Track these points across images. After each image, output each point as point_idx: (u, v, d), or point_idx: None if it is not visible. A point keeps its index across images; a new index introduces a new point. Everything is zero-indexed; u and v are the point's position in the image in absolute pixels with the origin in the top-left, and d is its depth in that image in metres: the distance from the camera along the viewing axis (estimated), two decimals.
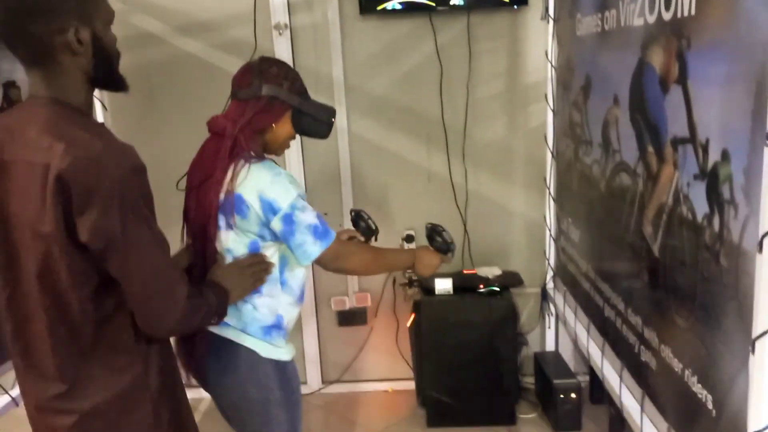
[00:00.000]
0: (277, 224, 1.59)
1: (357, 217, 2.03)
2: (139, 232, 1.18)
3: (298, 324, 3.22)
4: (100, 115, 2.94)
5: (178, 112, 3.04)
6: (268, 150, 1.74)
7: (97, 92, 2.89)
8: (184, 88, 3.04)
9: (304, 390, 3.27)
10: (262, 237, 1.63)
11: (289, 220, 1.58)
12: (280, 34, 2.90)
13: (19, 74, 2.26)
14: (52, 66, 1.20)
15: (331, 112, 1.75)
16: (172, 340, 1.47)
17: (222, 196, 1.59)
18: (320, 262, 1.67)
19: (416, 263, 1.87)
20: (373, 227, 2.00)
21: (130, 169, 1.17)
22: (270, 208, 1.58)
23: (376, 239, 2.01)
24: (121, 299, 1.24)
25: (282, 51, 2.92)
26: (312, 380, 3.30)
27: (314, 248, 1.62)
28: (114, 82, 1.31)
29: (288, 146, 1.79)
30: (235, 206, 1.58)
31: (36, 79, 1.22)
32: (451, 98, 3.00)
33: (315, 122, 1.72)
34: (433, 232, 1.95)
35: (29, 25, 1.16)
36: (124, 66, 1.33)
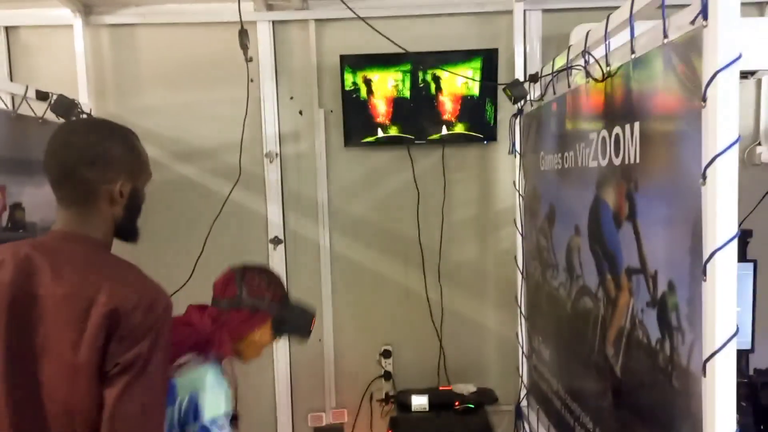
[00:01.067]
0: (192, 429, 1.57)
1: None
2: (157, 366, 1.25)
3: None
4: None
5: (169, 233, 3.19)
6: (238, 354, 1.78)
7: None
8: (179, 208, 3.21)
9: None
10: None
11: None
12: (270, 161, 3.13)
13: (25, 197, 2.41)
14: (91, 208, 1.35)
15: (310, 315, 1.84)
16: None
17: None
18: None
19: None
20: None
21: (167, 307, 1.29)
22: (194, 411, 1.57)
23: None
24: None
25: (272, 176, 3.14)
26: None
27: None
28: (131, 232, 1.46)
29: (260, 354, 1.82)
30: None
31: (71, 216, 1.34)
32: (428, 221, 3.20)
33: (294, 329, 1.83)
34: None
35: (86, 170, 1.32)
36: None
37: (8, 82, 2.95)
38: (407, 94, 3.08)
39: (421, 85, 3.08)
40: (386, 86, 3.07)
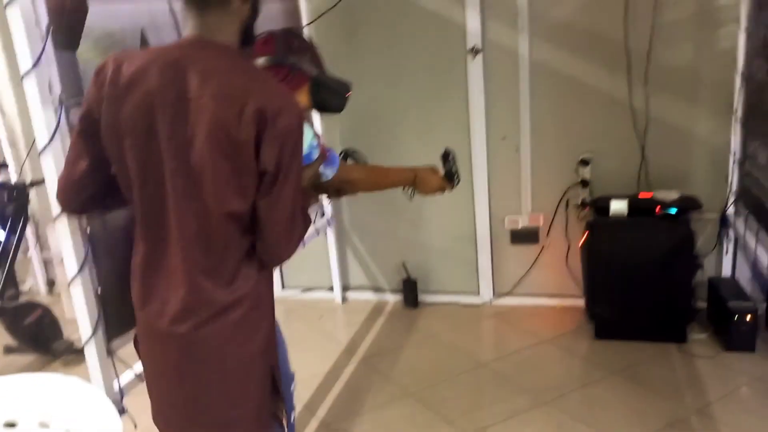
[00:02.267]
0: None
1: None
2: (297, 172, 1.34)
3: (473, 239, 3.51)
4: None
5: (377, 47, 3.35)
6: None
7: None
8: (381, 21, 3.32)
9: (476, 300, 3.58)
10: None
11: (308, 159, 1.65)
12: None
13: None
14: (227, 10, 1.31)
15: (348, 87, 1.76)
16: None
17: None
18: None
19: (418, 181, 1.95)
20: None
21: (303, 115, 1.34)
22: None
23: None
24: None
25: None
26: (484, 292, 3.58)
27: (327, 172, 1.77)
28: (251, 35, 1.42)
29: None
30: None
31: (202, 21, 1.31)
32: (636, 23, 3.01)
33: (332, 95, 1.72)
34: (447, 157, 2.02)
35: None
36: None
37: None
38: None
39: None
40: None
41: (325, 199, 3.50)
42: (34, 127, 1.58)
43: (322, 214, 3.54)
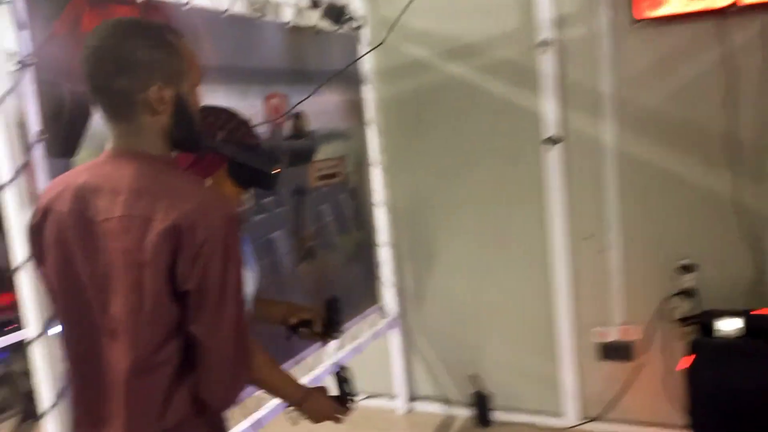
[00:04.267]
0: None
1: (331, 308, 1.78)
2: (235, 289, 1.15)
3: (553, 352, 3.08)
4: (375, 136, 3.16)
5: (444, 130, 3.13)
6: None
7: (372, 112, 3.11)
8: (448, 108, 3.12)
9: (559, 423, 3.10)
10: None
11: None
12: (544, 51, 2.81)
13: (305, 106, 2.50)
14: (134, 121, 1.18)
15: (274, 161, 1.56)
16: None
17: None
18: None
19: (305, 408, 1.59)
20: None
21: (231, 219, 1.15)
22: None
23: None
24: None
25: (547, 67, 2.84)
26: (568, 414, 3.10)
27: None
28: (192, 143, 1.28)
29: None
30: None
31: (117, 132, 1.20)
32: (740, 111, 2.59)
33: (255, 174, 1.52)
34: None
35: (113, 80, 1.15)
36: (398, 90, 1.31)
37: None
38: None
39: None
40: None
41: (387, 298, 3.23)
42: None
43: (383, 316, 3.26)
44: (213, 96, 2.03)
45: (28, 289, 1.54)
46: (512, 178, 3.05)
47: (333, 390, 1.68)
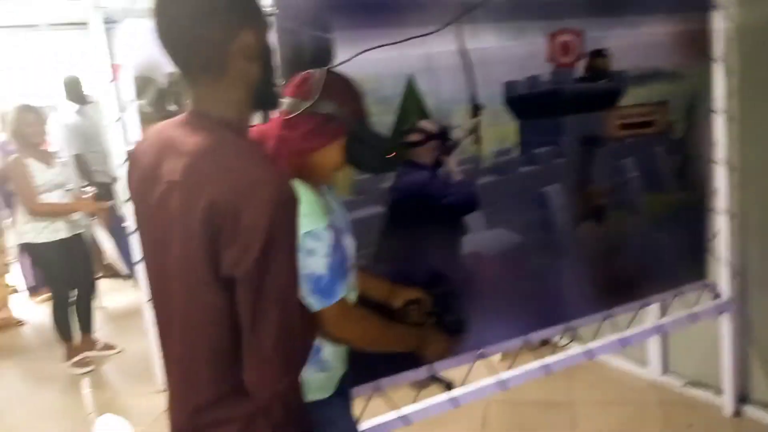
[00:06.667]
0: None
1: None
2: (278, 276, 1.01)
3: None
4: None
5: None
6: (306, 176, 1.36)
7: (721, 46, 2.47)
8: None
9: None
10: None
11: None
12: None
13: (608, 42, 2.15)
14: (219, 81, 1.08)
15: (390, 146, 1.46)
16: None
17: None
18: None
19: (422, 346, 1.59)
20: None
21: (283, 200, 1.00)
22: None
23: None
24: None
25: None
26: None
27: (310, 300, 1.35)
28: (271, 97, 1.19)
29: (331, 178, 1.47)
30: None
31: (198, 94, 1.10)
32: None
33: (368, 152, 1.40)
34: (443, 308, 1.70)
35: (203, 29, 1.03)
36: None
37: None
38: None
39: None
40: None
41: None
42: None
43: (715, 297, 2.69)
44: (477, 37, 1.90)
45: None
46: None
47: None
